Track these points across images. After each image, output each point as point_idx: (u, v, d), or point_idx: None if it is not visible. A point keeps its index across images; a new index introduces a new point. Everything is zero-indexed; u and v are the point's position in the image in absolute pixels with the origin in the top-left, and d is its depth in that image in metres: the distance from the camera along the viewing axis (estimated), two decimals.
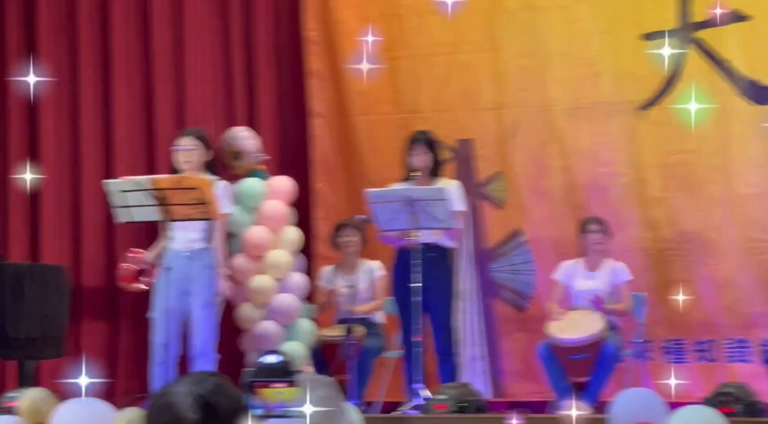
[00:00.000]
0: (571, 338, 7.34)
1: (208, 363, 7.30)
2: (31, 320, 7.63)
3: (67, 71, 9.01)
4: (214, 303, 7.35)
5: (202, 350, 7.29)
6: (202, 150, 7.44)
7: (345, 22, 8.83)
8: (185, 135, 7.52)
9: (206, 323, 7.31)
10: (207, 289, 7.31)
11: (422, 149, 7.50)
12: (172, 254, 7.33)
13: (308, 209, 8.88)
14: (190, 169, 7.37)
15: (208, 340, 7.32)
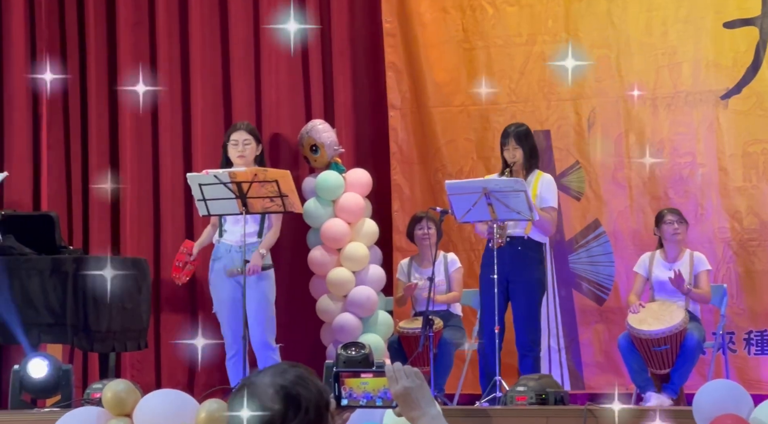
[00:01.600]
0: (652, 329, 7.27)
1: (269, 355, 7.33)
2: (112, 314, 7.71)
3: (147, 66, 9.09)
4: (268, 297, 7.38)
5: (261, 342, 7.33)
6: (254, 144, 7.48)
7: (422, 13, 8.81)
8: (238, 129, 7.54)
9: (262, 315, 7.33)
10: (260, 282, 7.33)
11: (513, 144, 7.45)
12: (225, 247, 7.36)
13: (385, 202, 8.88)
14: (245, 163, 7.40)
15: (266, 331, 7.35)
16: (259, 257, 7.26)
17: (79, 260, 7.80)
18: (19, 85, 9.03)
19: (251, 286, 7.24)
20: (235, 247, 7.29)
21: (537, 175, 7.46)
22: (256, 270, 7.22)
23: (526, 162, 7.44)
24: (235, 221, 7.28)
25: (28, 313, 7.55)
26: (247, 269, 7.17)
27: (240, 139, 7.44)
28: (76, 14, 9.13)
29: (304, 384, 2.72)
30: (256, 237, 7.35)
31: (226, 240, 7.37)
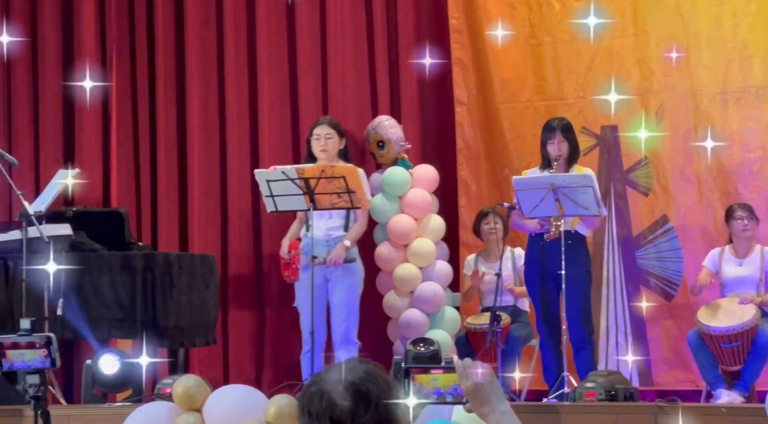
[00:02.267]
0: (722, 326, 7.20)
1: (350, 350, 7.36)
2: (180, 310, 7.77)
3: (214, 63, 9.15)
4: (354, 292, 7.40)
5: (345, 337, 7.36)
6: (337, 138, 7.49)
7: (488, 9, 8.78)
8: (320, 123, 7.57)
9: (347, 310, 7.36)
10: (347, 277, 7.36)
11: (559, 137, 7.43)
12: (312, 242, 7.39)
13: (452, 197, 8.87)
14: (327, 158, 7.42)
15: (350, 327, 7.37)
16: (343, 249, 7.30)
17: (148, 256, 7.87)
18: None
19: (337, 280, 7.28)
20: (321, 241, 7.32)
21: (577, 169, 7.44)
22: (338, 261, 7.25)
23: (569, 156, 7.42)
24: (320, 215, 7.32)
25: (98, 308, 7.62)
26: (330, 259, 7.20)
27: (322, 133, 7.47)
28: (145, 13, 9.21)
29: (373, 380, 2.72)
30: (342, 231, 7.38)
31: (314, 235, 7.40)
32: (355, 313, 7.43)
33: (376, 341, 8.60)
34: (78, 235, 7.64)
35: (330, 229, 7.35)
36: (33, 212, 7.10)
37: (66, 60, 9.21)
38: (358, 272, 7.49)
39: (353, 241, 7.43)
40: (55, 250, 7.33)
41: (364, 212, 7.51)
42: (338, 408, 2.69)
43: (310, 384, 2.75)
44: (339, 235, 7.38)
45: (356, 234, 7.49)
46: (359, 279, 7.51)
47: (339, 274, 7.31)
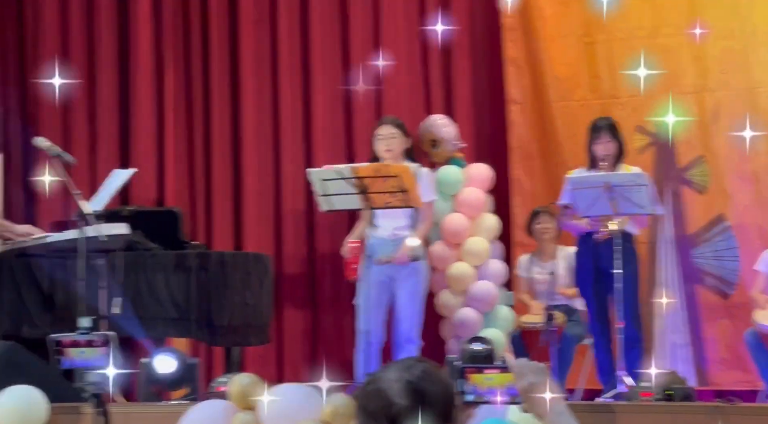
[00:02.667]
0: None
1: (412, 350, 7.36)
2: (234, 309, 7.80)
3: (267, 62, 9.18)
4: (419, 291, 7.40)
5: (407, 337, 7.35)
6: (401, 138, 7.49)
7: (542, 7, 8.75)
8: (384, 123, 7.58)
9: (412, 310, 7.36)
10: (412, 277, 7.36)
11: (607, 137, 7.39)
12: (377, 241, 7.40)
13: (506, 196, 8.85)
14: (391, 157, 7.43)
15: (413, 327, 7.37)
16: (409, 248, 7.30)
17: (203, 255, 7.91)
18: (144, 83, 9.20)
19: (403, 279, 7.28)
20: (387, 240, 7.34)
21: (625, 168, 7.40)
22: (404, 260, 7.27)
23: (617, 155, 7.38)
24: (386, 214, 7.33)
25: (153, 307, 7.68)
26: (396, 258, 7.21)
27: (386, 133, 7.48)
28: (199, 13, 9.27)
29: (430, 379, 2.72)
30: (408, 230, 7.39)
31: (378, 234, 7.42)
32: (418, 312, 7.44)
33: (429, 340, 8.58)
34: (134, 234, 7.69)
35: (396, 228, 7.35)
36: (90, 212, 7.15)
37: (122, 59, 9.29)
38: (424, 271, 7.50)
39: (421, 238, 7.44)
40: (112, 249, 7.39)
41: (429, 211, 7.52)
42: (395, 407, 2.69)
43: (367, 383, 2.76)
44: (405, 234, 7.39)
45: (423, 233, 7.50)
46: (425, 279, 7.51)
47: (405, 273, 7.32)
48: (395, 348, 7.44)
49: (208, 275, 7.71)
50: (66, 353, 4.48)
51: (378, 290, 7.32)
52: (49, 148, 7.24)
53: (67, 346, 4.49)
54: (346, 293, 8.44)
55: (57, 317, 7.69)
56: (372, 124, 8.73)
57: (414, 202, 7.15)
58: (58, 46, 9.34)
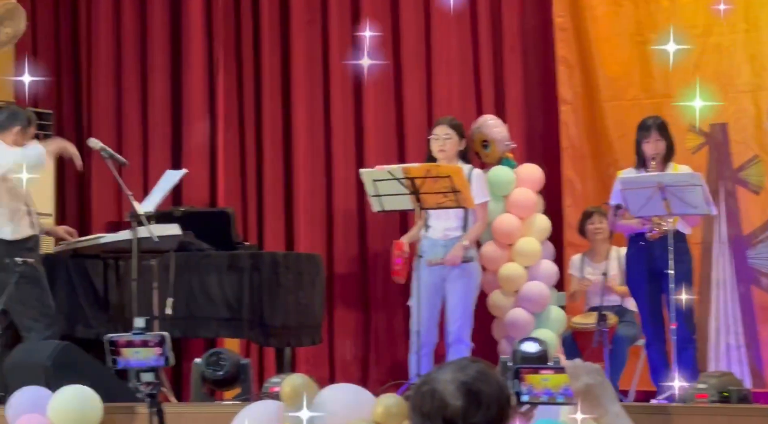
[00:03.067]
0: None
1: (463, 351, 7.35)
2: (287, 309, 7.83)
3: (319, 62, 9.20)
4: (470, 292, 7.39)
5: (458, 338, 7.35)
6: (455, 139, 7.48)
7: (594, 6, 8.71)
8: (439, 124, 7.57)
9: (462, 311, 7.35)
10: (463, 278, 7.35)
11: (655, 136, 7.34)
12: (429, 242, 7.40)
13: (557, 197, 8.82)
14: (444, 158, 7.43)
15: (463, 328, 7.37)
16: (461, 249, 7.30)
17: (255, 255, 7.95)
18: (196, 84, 9.25)
19: (453, 280, 7.28)
20: (439, 241, 7.34)
21: (674, 167, 7.34)
22: (455, 261, 7.26)
23: (666, 155, 7.33)
24: (438, 215, 7.33)
25: (206, 308, 7.72)
26: (447, 259, 7.21)
27: (441, 133, 7.48)
28: (251, 13, 9.31)
29: (485, 380, 2.72)
30: (460, 231, 7.39)
31: (431, 235, 7.43)
32: (469, 314, 7.43)
33: (481, 341, 8.57)
34: (186, 235, 7.74)
35: (447, 229, 7.35)
36: (142, 212, 7.20)
37: (174, 60, 9.35)
38: (476, 272, 7.49)
39: (472, 240, 7.44)
40: (164, 250, 7.44)
41: (483, 212, 7.51)
42: (450, 408, 2.69)
43: (421, 384, 2.75)
44: (456, 235, 7.39)
45: (475, 234, 7.50)
46: (476, 280, 7.51)
47: (456, 274, 7.32)
48: (447, 349, 7.44)
49: (260, 276, 7.74)
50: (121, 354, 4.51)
51: (430, 291, 7.32)
52: (102, 149, 7.31)
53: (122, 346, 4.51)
54: (398, 293, 8.45)
55: (111, 317, 7.76)
56: (423, 124, 8.74)
57: (467, 202, 7.14)
58: (111, 48, 9.42)
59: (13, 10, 8.92)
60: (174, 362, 4.60)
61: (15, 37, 9.02)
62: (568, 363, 2.81)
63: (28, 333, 7.04)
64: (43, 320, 7.05)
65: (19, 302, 6.89)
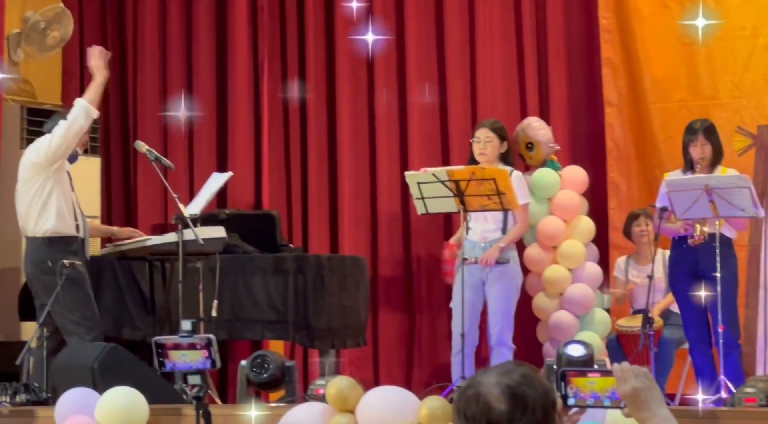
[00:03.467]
0: None
1: (505, 354, 7.35)
2: (331, 311, 7.84)
3: (363, 66, 9.21)
4: (509, 293, 7.39)
5: (499, 340, 7.35)
6: (497, 142, 7.48)
7: (639, 8, 8.66)
8: (481, 127, 7.57)
9: (502, 313, 7.35)
10: (501, 279, 7.35)
11: (702, 139, 7.29)
12: (469, 244, 7.40)
13: (602, 199, 8.78)
14: (485, 160, 7.42)
15: (504, 330, 7.36)
16: (496, 250, 7.30)
17: (300, 258, 7.97)
18: (241, 87, 9.29)
19: (492, 282, 7.28)
20: (479, 244, 7.34)
21: (721, 170, 7.29)
22: (490, 261, 7.26)
23: (713, 158, 7.27)
24: (478, 217, 7.33)
25: (250, 310, 7.75)
26: (482, 259, 7.21)
27: (482, 136, 7.49)
28: (296, 17, 9.33)
29: (530, 384, 2.71)
30: (499, 233, 7.39)
31: (471, 237, 7.43)
32: (509, 316, 7.42)
33: (525, 343, 8.56)
34: (231, 237, 7.77)
35: (485, 231, 7.35)
36: (188, 215, 7.24)
37: (219, 64, 9.39)
38: (515, 274, 7.48)
39: (509, 242, 7.43)
40: (210, 252, 7.48)
41: (524, 214, 7.50)
42: (495, 412, 2.68)
43: (466, 387, 2.75)
44: (495, 237, 7.38)
45: (514, 236, 7.49)
46: (516, 282, 7.50)
47: (495, 276, 7.32)
48: (489, 352, 7.43)
49: (305, 278, 7.76)
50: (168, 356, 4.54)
51: (470, 292, 7.33)
52: (148, 152, 7.36)
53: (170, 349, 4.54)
54: (442, 295, 8.45)
55: (157, 319, 7.80)
56: (468, 127, 8.73)
57: (511, 205, 7.14)
58: (157, 51, 9.47)
59: (60, 14, 9.00)
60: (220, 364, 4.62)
61: (62, 40, 9.11)
62: (616, 366, 2.80)
63: (69, 337, 7.09)
64: (84, 324, 7.09)
65: (61, 306, 6.93)
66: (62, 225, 7.11)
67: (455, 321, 7.40)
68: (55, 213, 7.09)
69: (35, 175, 7.12)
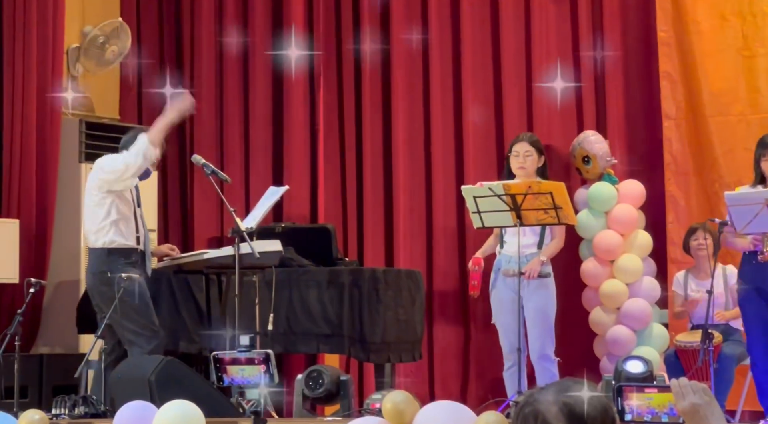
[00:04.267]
0: None
1: (549, 368, 7.30)
2: (387, 325, 7.83)
3: (419, 78, 9.20)
4: (548, 307, 7.34)
5: (541, 354, 7.30)
6: (536, 156, 7.46)
7: (698, 21, 8.58)
8: (519, 141, 7.55)
9: (542, 327, 7.30)
10: (539, 293, 7.30)
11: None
12: (506, 258, 7.37)
13: (659, 213, 8.71)
14: (525, 175, 7.39)
15: (545, 344, 7.31)
16: (538, 262, 7.26)
17: (355, 271, 7.96)
18: (297, 100, 9.31)
19: (530, 297, 7.24)
20: (515, 258, 7.30)
21: None
22: (533, 274, 7.22)
23: None
24: (514, 232, 7.30)
25: (306, 324, 7.75)
26: (525, 271, 7.18)
27: (521, 150, 7.46)
28: (351, 28, 9.35)
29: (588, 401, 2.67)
30: (536, 248, 7.35)
31: (506, 251, 7.40)
32: (550, 328, 7.37)
33: (582, 358, 8.50)
34: (287, 250, 7.78)
35: (524, 246, 7.30)
36: (245, 228, 7.27)
37: (275, 77, 9.42)
38: (552, 287, 7.43)
39: (549, 256, 7.39)
40: (266, 265, 7.50)
41: (561, 229, 7.45)
42: None
43: (524, 405, 2.72)
44: (533, 252, 7.34)
45: (552, 250, 7.45)
46: (554, 295, 7.45)
47: (532, 290, 7.27)
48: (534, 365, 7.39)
49: (360, 292, 7.76)
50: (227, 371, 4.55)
51: (509, 306, 7.31)
52: (204, 165, 7.39)
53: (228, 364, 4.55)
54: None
55: (213, 333, 7.82)
56: None
57: (568, 219, 7.11)
58: (213, 65, 9.53)
59: (119, 28, 9.08)
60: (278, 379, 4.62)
61: (121, 54, 9.18)
62: (674, 382, 2.76)
63: (130, 347, 7.14)
64: (144, 333, 7.14)
65: (120, 316, 6.98)
66: (121, 237, 7.17)
67: (502, 337, 7.38)
68: (114, 225, 7.15)
69: (98, 189, 7.20)
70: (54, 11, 8.76)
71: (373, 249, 9.19)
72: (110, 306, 6.91)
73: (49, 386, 8.27)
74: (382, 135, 9.27)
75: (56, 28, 8.79)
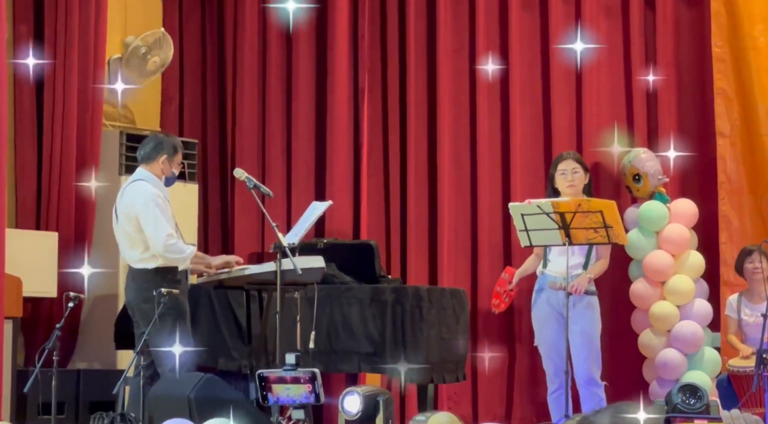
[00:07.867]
0: None
1: (597, 393, 7.11)
2: (430, 344, 7.68)
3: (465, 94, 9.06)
4: (592, 328, 7.16)
5: (588, 378, 7.12)
6: (582, 173, 7.32)
7: (755, 36, 8.41)
8: (565, 159, 7.39)
9: (588, 349, 7.13)
10: (584, 313, 7.12)
11: None
12: (549, 278, 7.21)
13: (712, 233, 8.51)
14: (574, 193, 7.24)
15: (591, 367, 7.14)
16: (586, 279, 7.09)
17: (398, 289, 7.81)
18: (340, 114, 9.19)
19: (575, 318, 7.06)
20: (559, 278, 7.13)
21: None
22: (580, 290, 7.05)
23: None
24: (560, 251, 7.13)
25: (348, 342, 7.60)
26: (572, 286, 7.01)
27: (568, 168, 7.31)
28: (397, 44, 9.23)
29: None
30: (581, 269, 7.19)
31: (550, 271, 7.24)
32: (596, 351, 7.18)
33: (630, 382, 8.32)
34: (329, 267, 7.63)
35: (571, 267, 7.11)
36: (287, 244, 7.11)
37: (318, 90, 9.31)
38: (596, 307, 7.25)
39: (595, 276, 7.22)
40: (308, 282, 7.34)
41: (607, 250, 7.28)
42: None
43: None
44: (578, 273, 7.16)
45: (598, 270, 7.28)
46: (598, 316, 7.27)
47: (577, 310, 7.09)
48: (579, 390, 7.19)
49: (403, 310, 7.61)
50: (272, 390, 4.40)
51: (552, 325, 7.15)
52: (247, 179, 7.25)
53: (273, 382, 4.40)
54: None
55: (253, 350, 7.69)
56: None
57: (619, 238, 6.94)
58: (256, 77, 9.42)
59: (161, 39, 8.99)
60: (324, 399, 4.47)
61: (163, 65, 9.09)
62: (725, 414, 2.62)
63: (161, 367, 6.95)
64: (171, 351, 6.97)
65: (157, 334, 6.82)
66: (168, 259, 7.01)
67: (546, 358, 7.21)
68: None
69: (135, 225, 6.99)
70: (96, 21, 8.68)
71: (417, 266, 9.05)
72: (149, 322, 6.76)
73: (86, 402, 8.16)
74: (426, 150, 9.13)
75: (98, 39, 8.71)
